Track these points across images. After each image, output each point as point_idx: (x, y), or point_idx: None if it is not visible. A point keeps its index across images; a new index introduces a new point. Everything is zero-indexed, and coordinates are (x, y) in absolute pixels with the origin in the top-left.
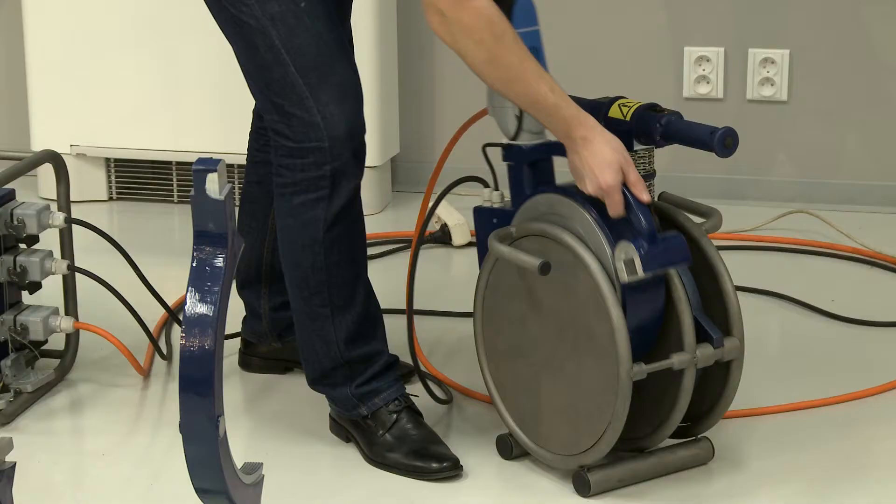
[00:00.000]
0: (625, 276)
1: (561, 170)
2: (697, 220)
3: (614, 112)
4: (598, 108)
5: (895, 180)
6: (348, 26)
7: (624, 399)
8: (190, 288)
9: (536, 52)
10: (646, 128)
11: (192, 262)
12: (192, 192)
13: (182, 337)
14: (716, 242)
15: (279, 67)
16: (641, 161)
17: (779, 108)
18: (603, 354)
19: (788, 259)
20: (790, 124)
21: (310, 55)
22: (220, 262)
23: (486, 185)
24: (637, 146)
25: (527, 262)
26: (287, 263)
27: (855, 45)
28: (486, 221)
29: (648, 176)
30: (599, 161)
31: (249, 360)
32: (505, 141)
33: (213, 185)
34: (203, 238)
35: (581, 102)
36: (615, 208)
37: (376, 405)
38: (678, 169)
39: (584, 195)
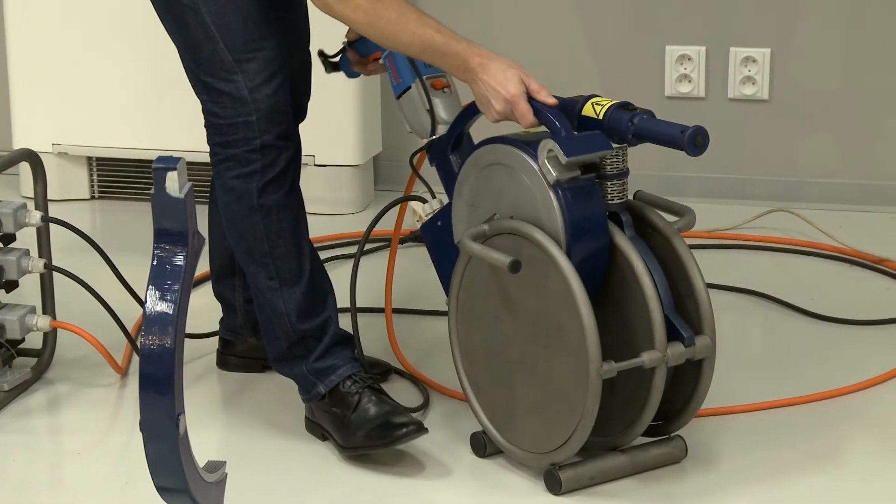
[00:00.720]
0: (552, 174)
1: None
2: (671, 218)
3: (587, 111)
4: (571, 107)
5: (875, 179)
6: (303, 13)
7: (594, 397)
8: (150, 286)
9: None
10: (618, 126)
11: (153, 260)
12: (153, 191)
13: (142, 335)
14: (696, 241)
15: (209, 43)
16: (614, 159)
17: (760, 106)
18: (573, 352)
19: (769, 258)
20: (771, 123)
21: (238, 32)
22: (180, 260)
23: (424, 201)
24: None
25: (497, 260)
26: (233, 240)
27: (835, 43)
28: (433, 231)
29: (621, 174)
30: (500, 78)
31: (227, 360)
32: (426, 141)
33: (173, 184)
34: (163, 236)
35: (557, 100)
36: (525, 117)
37: (333, 382)
38: (659, 168)
39: (517, 139)
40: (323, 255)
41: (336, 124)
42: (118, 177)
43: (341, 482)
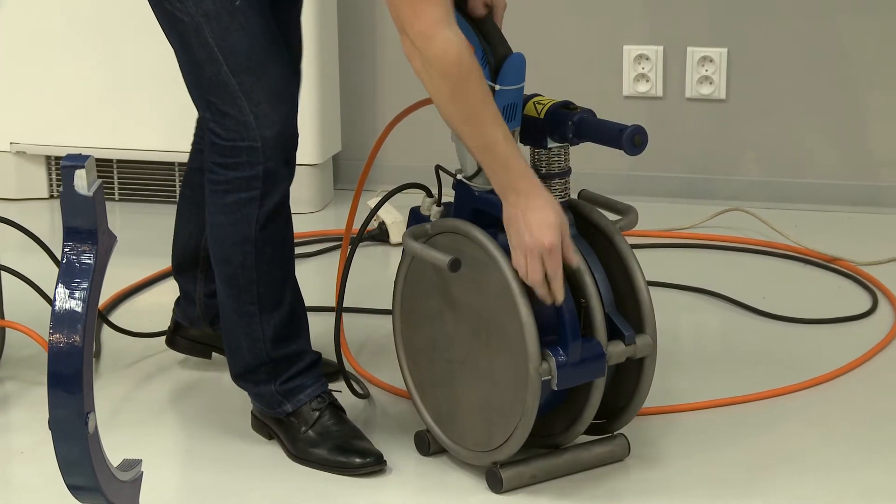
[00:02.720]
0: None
1: None
2: (614, 217)
3: (529, 110)
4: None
5: (831, 178)
6: (297, 24)
7: (533, 396)
8: (58, 284)
9: (514, 107)
10: (559, 125)
11: (62, 258)
12: (61, 189)
13: (50, 333)
14: (652, 241)
15: (212, 65)
16: (556, 158)
17: (717, 106)
18: (513, 351)
19: (724, 257)
20: (728, 122)
21: (242, 54)
22: (89, 258)
23: (430, 195)
24: (551, 143)
25: (438, 260)
26: (216, 259)
27: (791, 43)
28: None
29: (563, 173)
30: (542, 219)
31: (177, 341)
32: (459, 176)
33: (82, 182)
34: (72, 234)
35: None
36: (554, 268)
37: (301, 401)
38: (613, 167)
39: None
40: None
41: None
42: None
43: (285, 481)
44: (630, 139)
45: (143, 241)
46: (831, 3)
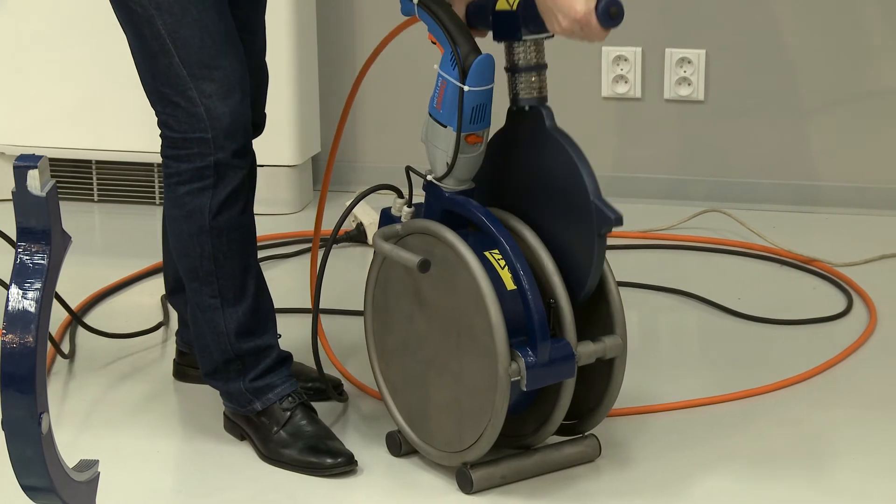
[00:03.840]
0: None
1: None
2: None
3: (501, 5)
4: (485, 6)
5: (809, 179)
6: (261, 18)
7: (503, 396)
8: (12, 285)
9: (483, 108)
10: (533, 15)
11: (15, 259)
12: (14, 189)
13: (3, 334)
14: (630, 241)
15: (164, 57)
16: (532, 50)
17: (695, 107)
18: (483, 352)
19: (701, 258)
20: (707, 124)
21: (194, 47)
22: (42, 259)
23: (401, 196)
24: (526, 35)
25: (407, 260)
26: (177, 255)
27: (770, 45)
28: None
29: (540, 67)
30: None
31: (184, 371)
32: (429, 177)
33: (34, 182)
34: (25, 235)
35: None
36: (594, 35)
37: (270, 400)
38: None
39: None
40: (261, 254)
41: (274, 124)
42: (58, 178)
43: (255, 482)
44: (606, 11)
45: (122, 242)
46: (807, 3)
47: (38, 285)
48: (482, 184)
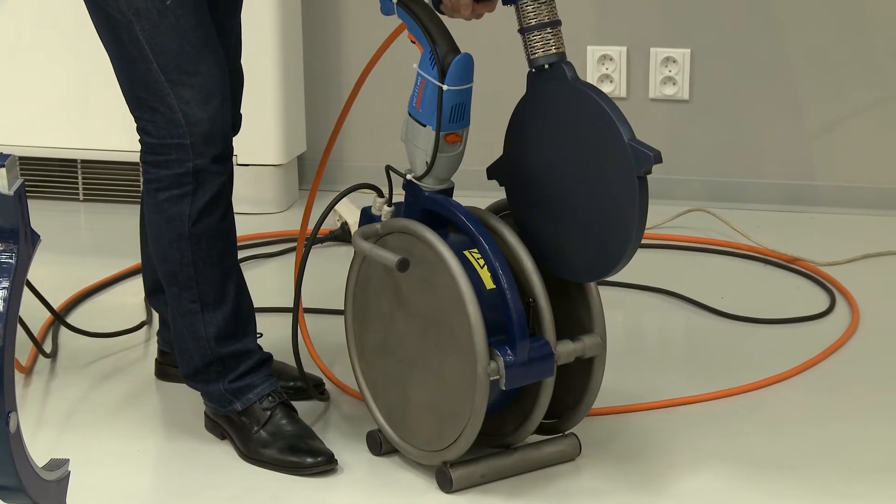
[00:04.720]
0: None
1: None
2: None
3: None
4: None
5: (793, 179)
6: (236, 22)
7: (482, 395)
8: None
9: (463, 107)
10: None
11: None
12: None
13: None
14: None
15: (143, 63)
16: (543, 7)
17: (680, 106)
18: (462, 351)
19: (685, 257)
20: (692, 123)
21: (172, 53)
22: (9, 257)
23: (381, 195)
24: None
25: (386, 259)
26: (157, 259)
27: (755, 44)
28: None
29: (550, 24)
30: None
31: (166, 370)
32: (409, 176)
33: (2, 181)
34: None
35: None
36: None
37: (250, 400)
38: None
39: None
40: (245, 253)
41: (259, 123)
42: (43, 177)
43: (237, 482)
44: None
45: (107, 241)
46: (793, 3)
47: (5, 284)
48: (511, 154)
